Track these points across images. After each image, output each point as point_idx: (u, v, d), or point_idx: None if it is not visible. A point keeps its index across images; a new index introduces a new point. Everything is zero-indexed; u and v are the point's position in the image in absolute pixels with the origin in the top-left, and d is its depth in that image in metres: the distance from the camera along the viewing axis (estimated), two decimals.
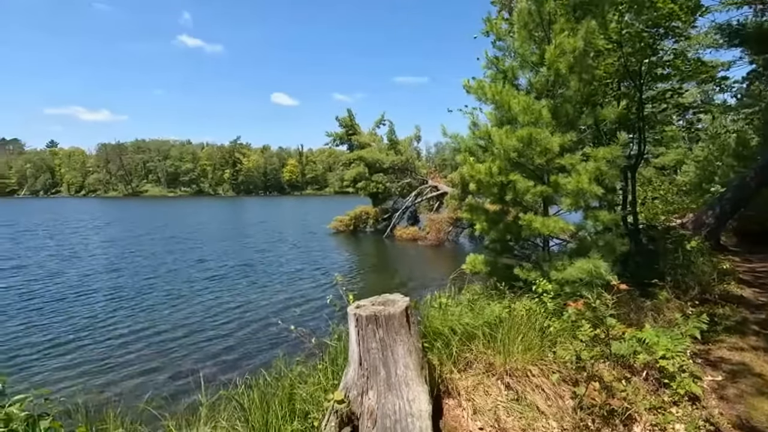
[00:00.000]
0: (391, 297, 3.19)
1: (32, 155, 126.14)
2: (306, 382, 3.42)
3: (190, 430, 3.13)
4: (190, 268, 14.09)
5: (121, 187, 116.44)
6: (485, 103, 5.85)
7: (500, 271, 5.88)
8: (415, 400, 2.73)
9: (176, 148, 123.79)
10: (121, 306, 9.29)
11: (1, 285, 11.22)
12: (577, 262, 4.96)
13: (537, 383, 3.43)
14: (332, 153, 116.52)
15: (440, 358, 3.72)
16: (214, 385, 3.73)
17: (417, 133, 27.18)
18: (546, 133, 5.03)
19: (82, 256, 16.40)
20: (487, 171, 5.33)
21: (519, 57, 5.76)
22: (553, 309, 4.27)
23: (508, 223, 5.81)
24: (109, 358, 6.63)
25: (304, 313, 8.96)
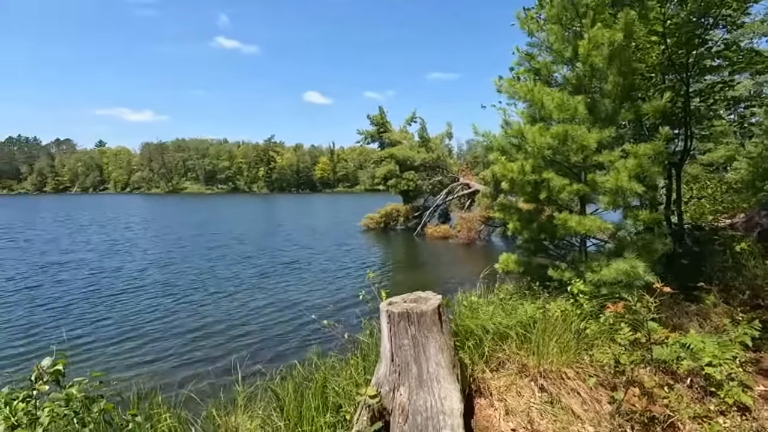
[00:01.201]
0: (423, 294, 3.21)
1: (83, 154, 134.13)
2: (338, 376, 3.49)
3: (229, 417, 3.28)
4: (230, 264, 14.59)
5: (163, 185, 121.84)
6: (517, 100, 5.74)
7: (534, 270, 5.77)
8: (447, 398, 2.73)
9: (214, 146, 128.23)
10: (169, 300, 9.78)
11: (66, 278, 12.02)
12: (614, 263, 4.79)
13: (572, 386, 3.35)
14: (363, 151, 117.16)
15: (472, 357, 3.70)
16: (250, 376, 3.89)
17: (448, 130, 26.96)
18: (582, 130, 4.87)
19: (136, 250, 17.28)
20: (519, 169, 5.23)
21: (553, 52, 5.60)
22: (590, 311, 4.15)
23: (542, 222, 5.67)
24: (157, 348, 7.03)
25: (337, 308, 9.15)
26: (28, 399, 2.02)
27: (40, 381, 2.07)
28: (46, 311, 8.93)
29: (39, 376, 2.09)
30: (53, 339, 6.96)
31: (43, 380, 2.07)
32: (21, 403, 1.99)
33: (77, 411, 2.14)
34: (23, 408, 1.98)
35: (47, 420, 1.98)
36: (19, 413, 1.97)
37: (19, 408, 1.97)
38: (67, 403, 2.09)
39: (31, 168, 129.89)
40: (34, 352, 6.61)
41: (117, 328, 7.95)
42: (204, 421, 3.13)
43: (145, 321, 8.35)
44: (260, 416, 3.20)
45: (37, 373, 2.08)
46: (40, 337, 7.41)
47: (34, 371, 2.09)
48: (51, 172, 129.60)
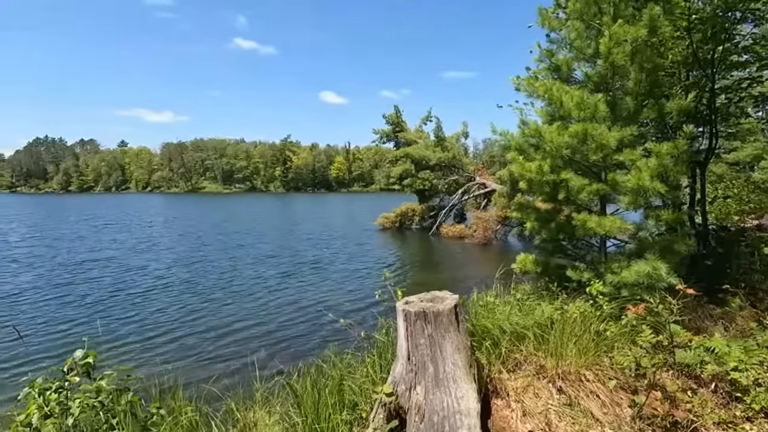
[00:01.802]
0: (440, 294, 3.21)
1: (106, 154, 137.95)
2: (355, 374, 3.51)
3: (248, 412, 3.34)
4: (251, 263, 14.84)
5: (182, 184, 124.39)
6: (536, 99, 5.67)
7: (552, 271, 5.70)
8: (464, 398, 2.73)
9: (231, 146, 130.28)
10: (192, 298, 10.04)
11: (94, 275, 12.40)
12: (634, 264, 4.70)
13: (592, 389, 3.31)
14: (378, 150, 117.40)
15: (488, 357, 3.69)
16: (268, 372, 3.95)
17: (464, 130, 26.78)
18: (602, 129, 4.79)
19: (161, 249, 17.71)
20: (537, 169, 5.17)
21: (574, 49, 5.52)
22: (610, 312, 4.08)
23: (560, 222, 5.60)
24: (179, 344, 7.24)
25: (353, 307, 9.24)
26: (60, 390, 2.11)
27: (71, 373, 2.16)
28: (76, 307, 9.26)
29: (71, 368, 2.17)
30: (83, 333, 7.20)
31: (75, 372, 2.15)
32: (54, 393, 2.08)
33: (105, 403, 2.22)
34: (56, 398, 2.06)
35: (78, 411, 2.07)
36: (52, 403, 2.05)
37: (52, 399, 2.05)
38: (97, 395, 2.17)
39: (57, 168, 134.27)
40: (64, 346, 6.87)
41: (142, 325, 8.21)
42: (224, 415, 3.20)
43: (169, 318, 8.60)
44: (278, 412, 3.25)
45: (69, 365, 2.17)
46: (71, 331, 7.70)
47: (66, 363, 2.18)
48: (76, 171, 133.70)
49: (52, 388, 2.12)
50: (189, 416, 2.74)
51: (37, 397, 2.08)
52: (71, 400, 2.13)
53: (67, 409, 2.07)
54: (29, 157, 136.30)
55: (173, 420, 2.61)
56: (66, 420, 2.04)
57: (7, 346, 6.98)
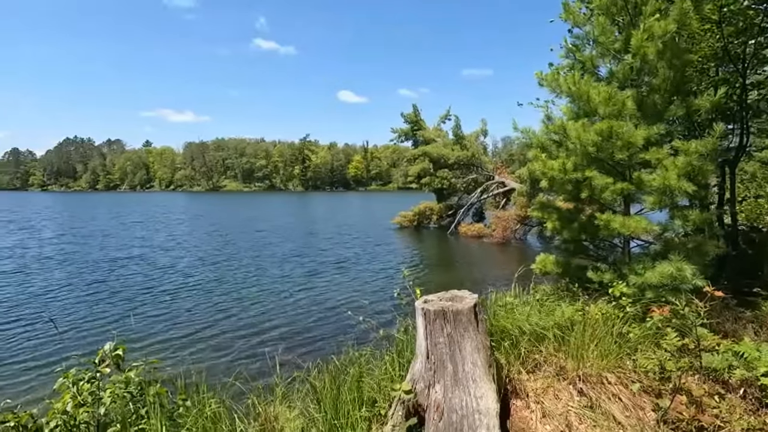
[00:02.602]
0: (459, 293, 3.20)
1: (131, 154, 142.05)
2: (373, 371, 3.54)
3: (268, 406, 3.41)
4: (272, 261, 15.07)
5: (204, 183, 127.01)
6: (560, 95, 5.57)
7: (573, 272, 5.61)
8: (483, 397, 2.72)
9: (251, 145, 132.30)
10: (216, 295, 10.28)
11: (124, 272, 12.81)
12: (659, 265, 4.58)
13: (614, 391, 3.25)
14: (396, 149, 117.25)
15: (508, 357, 3.66)
16: (288, 368, 4.02)
17: (483, 128, 26.52)
18: (629, 126, 4.68)
19: (187, 247, 18.11)
20: (560, 167, 5.08)
21: (599, 45, 5.40)
22: (633, 314, 3.99)
23: (582, 222, 5.50)
24: (204, 339, 7.44)
25: (372, 305, 9.31)
26: (92, 380, 2.20)
27: (102, 364, 2.25)
28: (108, 303, 9.60)
29: (102, 359, 2.26)
30: (114, 327, 7.52)
31: (106, 364, 2.24)
32: (86, 384, 2.17)
33: (134, 393, 2.31)
34: (88, 389, 2.15)
35: (109, 400, 2.15)
36: (85, 393, 2.15)
37: (85, 389, 2.15)
38: (126, 386, 2.26)
39: (85, 167, 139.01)
40: (95, 339, 7.14)
41: (170, 320, 8.48)
42: (246, 409, 3.27)
43: (194, 314, 8.86)
44: (298, 407, 3.31)
45: (100, 356, 2.26)
46: (102, 325, 8.00)
47: (98, 355, 2.27)
48: (103, 170, 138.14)
49: (84, 379, 2.21)
50: (213, 409, 2.82)
51: (71, 387, 2.18)
52: (102, 390, 2.22)
53: (99, 399, 2.16)
54: (59, 156, 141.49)
55: (198, 412, 2.69)
56: (98, 409, 2.13)
57: (44, 339, 7.31)
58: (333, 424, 3.00)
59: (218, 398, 3.03)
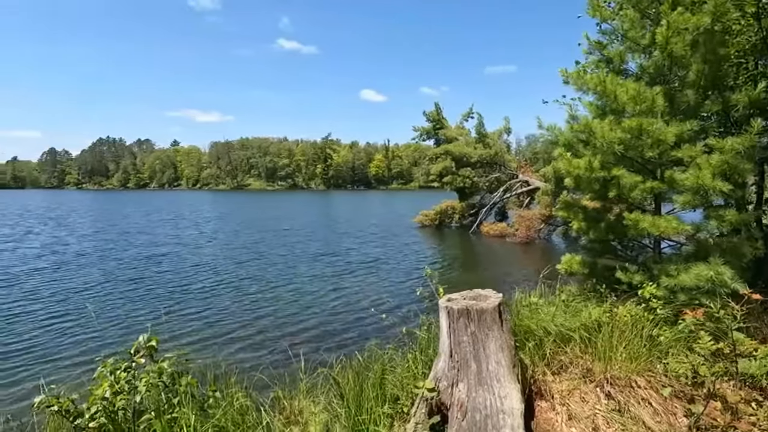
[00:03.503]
0: (483, 292, 3.19)
1: (160, 153, 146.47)
2: (396, 369, 3.56)
3: (293, 401, 3.48)
4: (296, 259, 15.28)
5: (228, 181, 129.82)
6: (585, 93, 5.44)
7: (599, 272, 5.48)
8: (507, 397, 2.70)
9: (275, 145, 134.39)
10: (243, 293, 10.52)
11: (158, 269, 13.24)
12: (694, 267, 4.42)
13: (643, 395, 3.17)
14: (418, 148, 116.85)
15: (532, 358, 3.62)
16: (311, 363, 4.08)
17: (507, 125, 26.13)
18: (659, 123, 4.53)
19: (218, 245, 18.53)
20: (587, 166, 4.97)
21: (628, 40, 5.25)
22: (664, 317, 3.87)
23: (610, 221, 5.36)
24: (232, 334, 7.67)
25: (395, 302, 9.38)
26: (128, 369, 2.30)
27: (137, 355, 2.35)
28: (143, 298, 9.99)
29: (137, 350, 2.37)
30: (148, 320, 7.88)
31: (141, 354, 2.34)
32: (123, 372, 2.27)
33: (167, 383, 2.40)
34: (125, 377, 2.26)
35: (144, 389, 2.25)
36: (122, 381, 2.25)
37: (122, 377, 2.25)
38: (159, 376, 2.35)
39: (117, 166, 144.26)
40: (131, 331, 7.47)
41: (201, 315, 8.76)
42: (271, 402, 3.35)
43: (223, 309, 9.14)
44: (322, 402, 3.36)
45: (135, 347, 2.37)
46: (137, 318, 8.37)
47: (133, 346, 2.38)
48: (133, 169, 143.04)
49: (121, 368, 2.32)
50: (240, 401, 2.90)
51: (108, 376, 2.29)
52: (138, 379, 2.31)
53: (135, 387, 2.25)
54: (93, 156, 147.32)
55: (227, 404, 2.77)
56: (134, 397, 2.23)
57: (85, 331, 7.72)
58: (356, 420, 3.04)
59: (245, 391, 3.12)
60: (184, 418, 2.33)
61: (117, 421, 2.24)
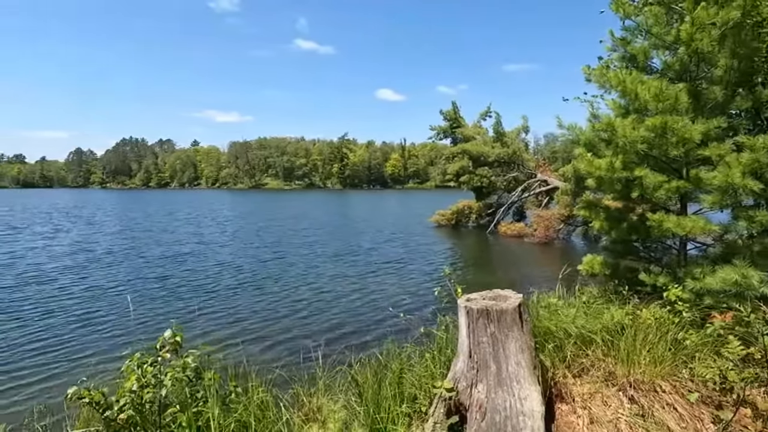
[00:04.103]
0: (503, 292, 3.16)
1: (181, 153, 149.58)
2: (414, 368, 3.56)
3: (312, 398, 3.52)
4: (316, 258, 15.35)
5: (247, 180, 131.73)
6: (608, 90, 5.34)
7: (622, 274, 5.37)
8: (527, 399, 2.68)
9: (292, 144, 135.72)
10: (263, 292, 10.65)
11: (185, 268, 13.50)
12: (721, 270, 4.29)
13: (668, 400, 3.09)
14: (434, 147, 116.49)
15: (552, 360, 3.57)
16: (330, 361, 4.12)
17: (525, 124, 25.77)
18: (685, 121, 4.41)
19: (239, 244, 18.72)
20: (608, 166, 4.87)
21: (652, 36, 5.12)
22: (690, 320, 3.77)
23: (632, 221, 5.25)
24: (253, 331, 7.80)
25: (412, 301, 9.40)
26: (154, 364, 2.37)
27: (163, 349, 2.41)
28: (169, 295, 10.22)
29: (162, 345, 2.43)
30: (173, 317, 8.12)
31: (166, 349, 2.40)
32: (149, 367, 2.34)
33: (191, 378, 2.46)
34: (151, 371, 2.32)
35: (169, 383, 2.31)
36: (148, 375, 2.32)
37: (149, 371, 2.32)
38: (183, 370, 2.41)
39: (139, 165, 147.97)
40: (157, 326, 7.69)
41: (223, 312, 8.94)
42: (291, 398, 3.39)
43: (245, 307, 9.29)
44: (341, 399, 3.39)
45: (161, 342, 2.43)
46: (163, 314, 8.61)
47: (159, 341, 2.45)
48: (155, 169, 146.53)
49: (147, 362, 2.39)
50: (260, 396, 2.95)
51: (136, 369, 2.36)
52: (163, 374, 2.38)
53: (161, 381, 2.32)
54: (117, 156, 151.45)
55: (247, 398, 2.83)
56: (160, 390, 2.29)
57: (114, 327, 7.99)
58: (374, 418, 3.06)
59: (265, 387, 3.17)
60: (209, 413, 2.39)
61: (144, 414, 2.31)
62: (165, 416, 2.35)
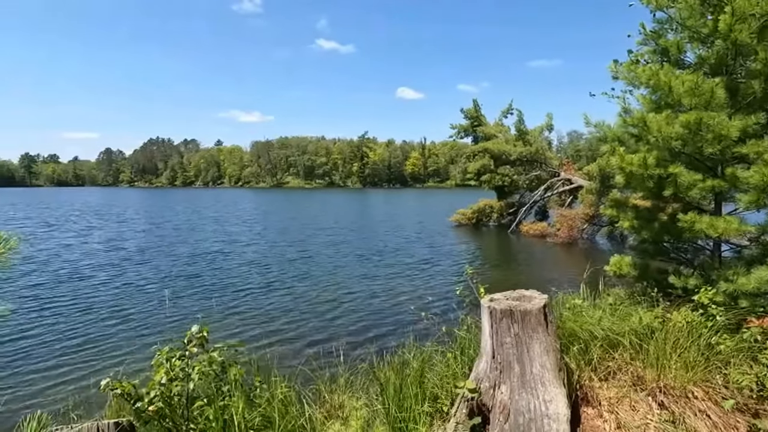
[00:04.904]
0: (527, 293, 3.11)
1: (205, 152, 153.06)
2: (435, 367, 3.55)
3: (333, 395, 3.54)
4: (340, 258, 15.47)
5: (268, 179, 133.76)
6: (637, 86, 5.16)
7: (651, 275, 5.20)
8: (552, 402, 2.63)
9: (313, 143, 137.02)
10: (287, 290, 10.81)
11: (213, 266, 13.80)
12: (757, 271, 4.10)
13: (701, 407, 2.98)
14: (454, 145, 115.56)
15: (577, 363, 3.49)
16: (351, 359, 4.15)
17: (548, 122, 25.24)
18: (721, 117, 4.23)
19: (264, 243, 19.00)
20: (640, 162, 4.71)
21: (686, 29, 4.92)
22: (725, 324, 3.63)
23: (663, 221, 5.07)
24: (277, 328, 7.94)
25: (433, 300, 9.38)
26: (182, 357, 2.43)
27: (190, 344, 2.47)
28: (197, 293, 10.51)
29: (189, 340, 2.49)
30: (200, 312, 8.34)
31: (193, 344, 2.46)
32: (178, 360, 2.40)
33: (217, 372, 2.51)
34: (179, 365, 2.38)
35: (197, 377, 2.37)
36: (176, 369, 2.38)
37: (177, 365, 2.38)
38: (210, 364, 2.47)
39: (165, 165, 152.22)
40: (186, 321, 7.91)
41: (249, 309, 9.13)
42: (313, 395, 3.43)
43: (271, 305, 9.48)
44: (363, 398, 3.40)
45: (188, 337, 2.49)
46: (192, 310, 8.87)
47: (186, 336, 2.51)
48: (180, 168, 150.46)
49: (176, 356, 2.45)
50: (283, 392, 2.99)
51: (164, 363, 2.43)
52: (191, 367, 2.44)
53: (188, 375, 2.38)
54: (144, 155, 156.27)
55: (271, 393, 2.87)
56: (188, 384, 2.35)
57: (147, 322, 8.27)
58: (396, 417, 3.06)
59: (288, 383, 3.21)
60: (234, 406, 2.44)
61: (173, 406, 2.38)
62: (192, 409, 2.41)
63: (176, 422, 2.43)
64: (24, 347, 6.97)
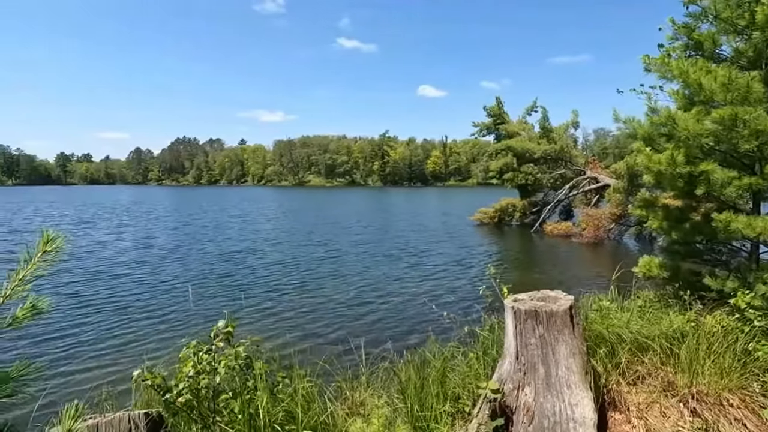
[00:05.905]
0: (552, 293, 3.05)
1: (229, 151, 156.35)
2: (457, 367, 3.52)
3: (354, 392, 3.56)
4: (364, 257, 15.49)
5: (290, 178, 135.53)
6: (669, 80, 4.98)
7: (683, 277, 5.02)
8: (578, 405, 2.57)
9: (334, 142, 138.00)
10: (310, 290, 10.93)
11: (239, 265, 14.05)
12: None
13: (736, 415, 2.86)
14: (476, 144, 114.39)
15: (605, 366, 3.40)
16: (373, 357, 4.16)
17: (574, 119, 24.64)
18: (759, 112, 4.03)
19: (291, 243, 19.08)
20: (669, 160, 4.54)
21: (721, 21, 4.72)
22: (763, 329, 3.47)
23: (695, 221, 4.88)
24: (300, 325, 8.05)
25: (455, 300, 9.32)
26: (209, 351, 2.49)
27: (216, 339, 2.54)
28: (224, 290, 10.75)
29: (216, 334, 2.55)
30: (227, 308, 8.53)
31: (219, 338, 2.52)
32: (205, 354, 2.47)
33: (242, 367, 2.57)
34: (207, 359, 2.45)
35: (223, 371, 2.43)
36: (204, 363, 2.44)
37: (204, 359, 2.44)
38: (235, 359, 2.53)
39: (191, 163, 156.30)
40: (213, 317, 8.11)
41: (274, 306, 9.29)
42: (334, 391, 3.46)
43: (295, 302, 9.63)
44: (384, 396, 3.41)
45: (215, 332, 2.56)
46: (218, 307, 9.08)
47: (212, 330, 2.57)
48: (206, 167, 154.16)
49: (203, 350, 2.52)
50: (306, 388, 3.02)
51: (192, 356, 2.50)
52: (217, 361, 2.50)
53: (215, 369, 2.44)
54: (171, 154, 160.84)
55: (293, 389, 2.91)
56: (214, 377, 2.41)
57: (178, 317, 8.56)
58: (418, 416, 3.05)
59: (310, 378, 3.25)
60: (259, 400, 2.49)
61: (200, 399, 2.45)
62: (218, 402, 2.48)
63: (203, 414, 2.50)
64: (62, 339, 7.30)
